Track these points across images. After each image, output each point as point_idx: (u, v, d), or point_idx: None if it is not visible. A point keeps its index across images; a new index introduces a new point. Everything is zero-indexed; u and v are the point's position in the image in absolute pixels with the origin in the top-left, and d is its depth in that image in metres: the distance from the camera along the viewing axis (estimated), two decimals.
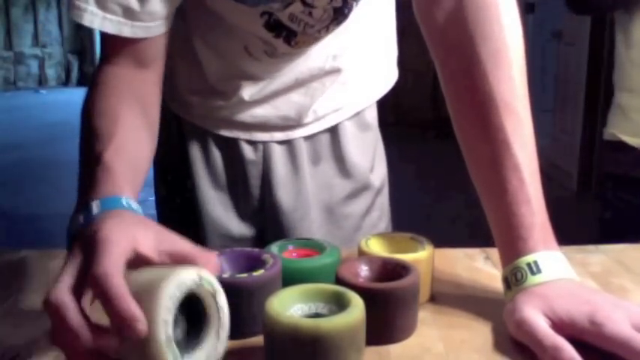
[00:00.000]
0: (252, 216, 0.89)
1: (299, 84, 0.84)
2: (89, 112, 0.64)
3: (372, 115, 0.93)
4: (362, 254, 0.62)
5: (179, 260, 0.47)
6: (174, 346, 0.42)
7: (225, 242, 0.87)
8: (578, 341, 0.50)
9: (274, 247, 0.63)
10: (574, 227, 1.43)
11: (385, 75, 0.94)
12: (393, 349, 0.54)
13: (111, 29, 0.65)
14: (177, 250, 0.47)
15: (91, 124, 0.62)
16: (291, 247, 0.64)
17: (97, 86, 0.67)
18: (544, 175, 0.60)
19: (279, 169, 0.87)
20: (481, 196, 0.62)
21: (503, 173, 0.58)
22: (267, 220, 0.89)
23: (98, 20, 0.65)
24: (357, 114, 0.90)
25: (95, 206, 0.51)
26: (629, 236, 0.79)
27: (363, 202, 0.92)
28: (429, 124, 5.25)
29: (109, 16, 0.65)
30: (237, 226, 0.89)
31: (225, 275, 0.55)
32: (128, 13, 0.65)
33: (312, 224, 0.88)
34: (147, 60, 0.69)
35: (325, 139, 0.89)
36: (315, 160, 0.89)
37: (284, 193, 0.87)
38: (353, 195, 0.91)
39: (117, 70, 0.68)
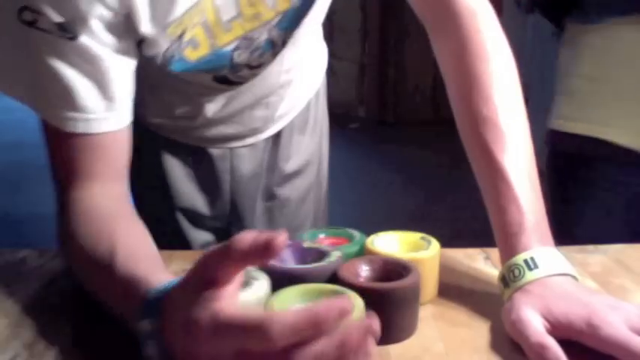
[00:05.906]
0: (220, 202, 0.98)
1: (258, 101, 0.90)
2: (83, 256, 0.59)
3: (320, 109, 1.05)
4: (368, 253, 0.62)
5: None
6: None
7: (193, 217, 0.97)
8: (576, 343, 0.50)
9: (305, 236, 0.67)
10: None
11: (321, 69, 1.05)
12: (393, 349, 0.54)
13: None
14: None
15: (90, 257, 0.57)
16: (322, 236, 0.68)
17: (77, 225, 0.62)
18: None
19: (245, 165, 0.97)
20: (485, 202, 0.65)
21: (492, 178, 0.63)
22: (231, 205, 0.99)
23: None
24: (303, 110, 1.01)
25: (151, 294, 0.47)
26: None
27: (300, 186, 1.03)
28: (428, 124, 5.24)
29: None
30: (205, 206, 0.97)
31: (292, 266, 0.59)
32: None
33: (258, 212, 1.01)
34: (115, 168, 0.68)
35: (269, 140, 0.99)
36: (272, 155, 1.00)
37: (248, 183, 0.98)
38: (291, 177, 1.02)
39: (89, 193, 0.66)
